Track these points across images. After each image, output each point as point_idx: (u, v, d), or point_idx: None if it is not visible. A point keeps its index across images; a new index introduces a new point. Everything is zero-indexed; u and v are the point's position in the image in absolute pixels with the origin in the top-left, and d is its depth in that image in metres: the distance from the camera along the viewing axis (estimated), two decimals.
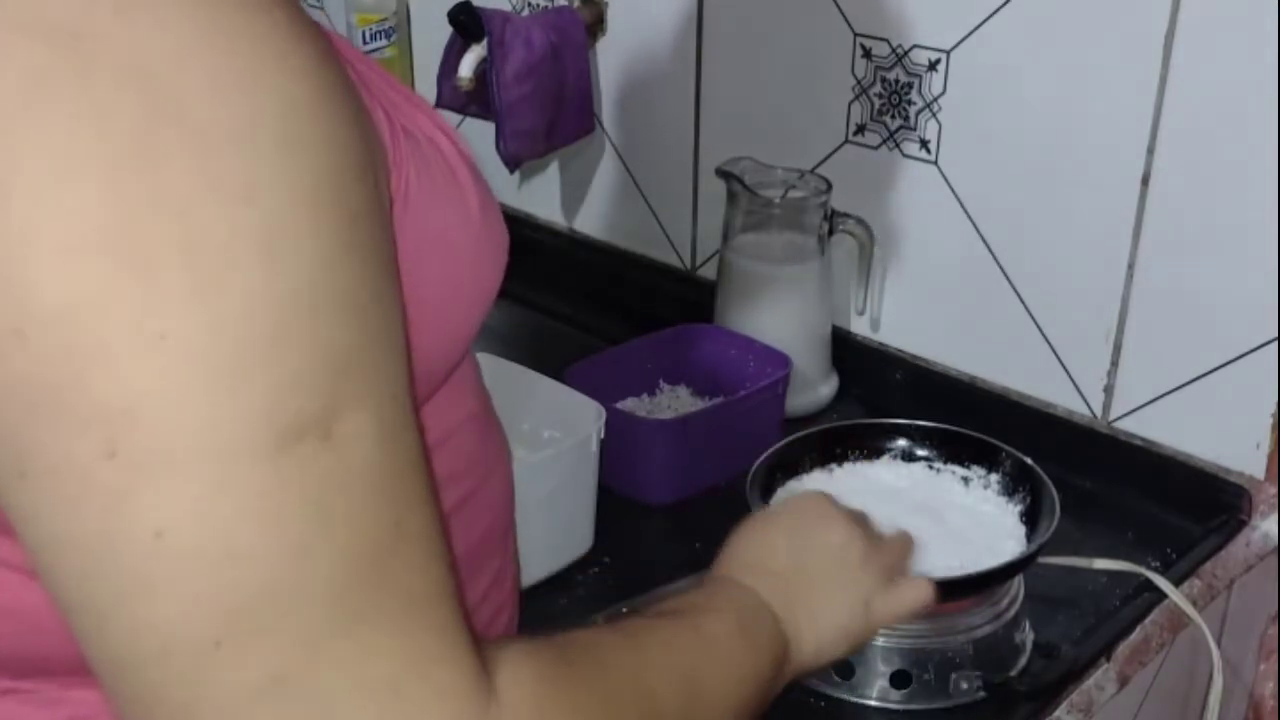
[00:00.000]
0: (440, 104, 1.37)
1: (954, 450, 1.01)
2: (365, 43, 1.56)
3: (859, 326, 1.32)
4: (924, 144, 1.20)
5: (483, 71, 1.29)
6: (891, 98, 1.21)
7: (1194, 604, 1.01)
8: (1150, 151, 1.07)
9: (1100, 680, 0.94)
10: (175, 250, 0.43)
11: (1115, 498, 1.13)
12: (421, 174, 0.57)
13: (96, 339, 0.43)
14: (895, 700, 0.91)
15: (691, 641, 0.67)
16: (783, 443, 1.01)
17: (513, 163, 1.33)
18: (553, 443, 1.03)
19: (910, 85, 1.19)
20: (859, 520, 0.82)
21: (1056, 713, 0.91)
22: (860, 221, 1.23)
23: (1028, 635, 0.95)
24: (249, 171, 0.45)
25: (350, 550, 0.46)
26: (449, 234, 0.59)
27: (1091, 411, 1.18)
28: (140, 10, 0.44)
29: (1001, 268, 1.19)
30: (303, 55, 0.47)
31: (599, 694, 0.57)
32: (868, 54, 1.21)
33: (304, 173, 0.46)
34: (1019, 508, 0.97)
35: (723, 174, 1.23)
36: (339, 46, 0.56)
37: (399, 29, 1.58)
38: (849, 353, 1.30)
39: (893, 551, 0.82)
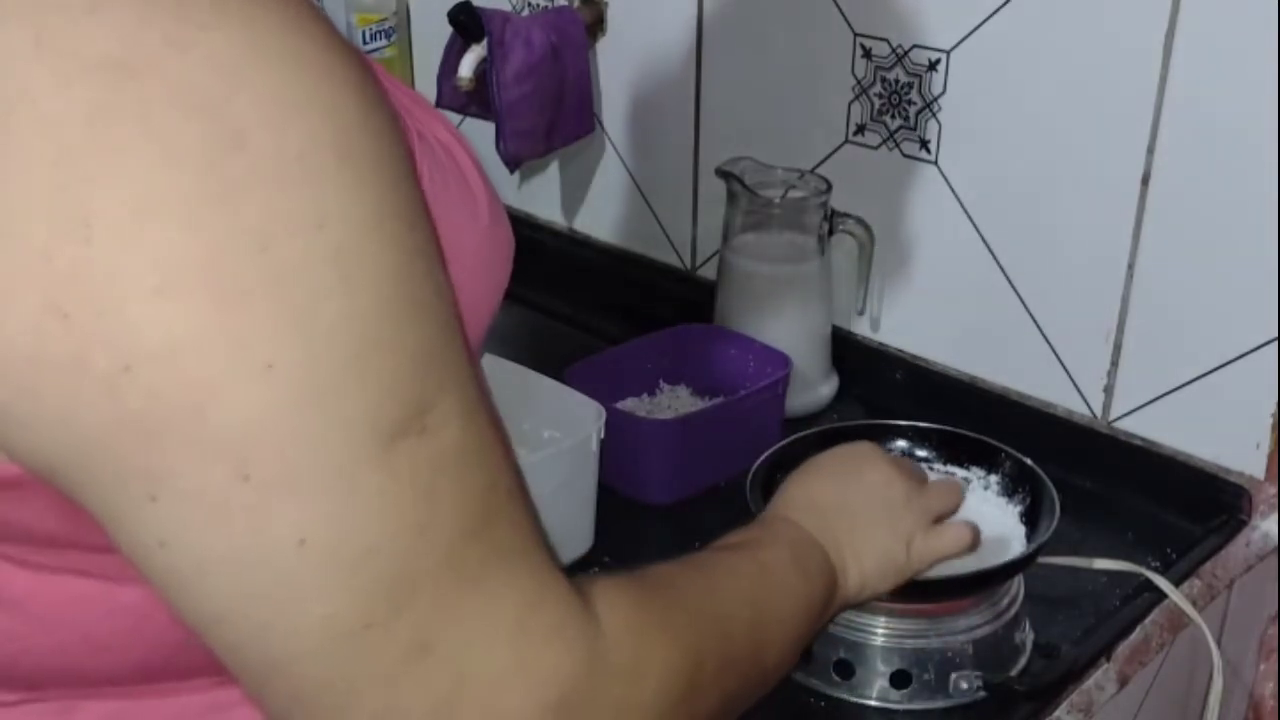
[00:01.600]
0: (440, 104, 1.37)
1: (954, 451, 1.01)
2: (365, 43, 1.56)
3: (859, 326, 1.32)
4: (924, 144, 1.21)
5: (483, 71, 1.29)
6: (891, 98, 1.21)
7: (1194, 604, 1.01)
8: (1150, 151, 1.07)
9: (1100, 680, 0.94)
10: (261, 282, 0.45)
11: (1115, 498, 1.13)
12: (434, 177, 0.58)
13: (206, 374, 0.45)
14: (895, 700, 0.91)
15: (753, 570, 0.73)
16: (783, 442, 1.01)
17: (513, 163, 1.33)
18: (553, 443, 1.03)
19: (910, 85, 1.20)
20: (905, 465, 0.89)
21: (1056, 713, 0.91)
22: (860, 221, 1.23)
23: (1028, 635, 0.96)
24: (316, 195, 0.46)
25: (460, 520, 0.51)
26: (460, 237, 0.60)
27: (1091, 411, 1.18)
28: (189, 40, 0.45)
29: (1001, 268, 1.19)
30: (346, 71, 0.49)
31: (683, 615, 0.63)
32: (868, 54, 1.22)
33: (365, 188, 0.48)
34: (1019, 508, 0.97)
35: (723, 174, 1.23)
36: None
37: (399, 29, 1.58)
38: (849, 353, 1.30)
39: (938, 496, 0.88)
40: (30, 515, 0.51)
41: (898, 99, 1.21)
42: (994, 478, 0.99)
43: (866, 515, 0.84)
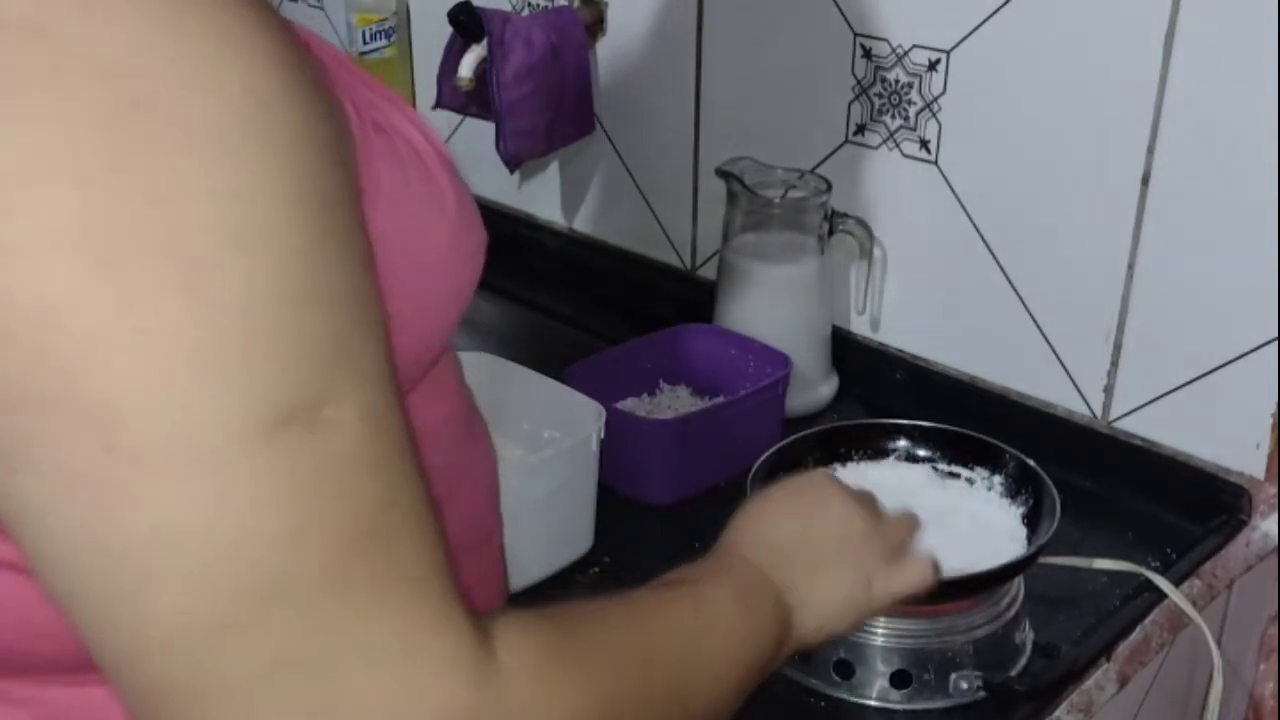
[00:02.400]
0: (440, 104, 1.37)
1: (957, 452, 1.01)
2: (365, 43, 1.56)
3: (859, 326, 1.32)
4: (924, 144, 1.21)
5: (483, 71, 1.29)
6: (891, 98, 1.21)
7: (1194, 604, 1.01)
8: (1150, 151, 1.07)
9: (1100, 680, 0.94)
10: (151, 247, 0.44)
11: (1115, 498, 1.13)
12: (395, 170, 0.57)
13: (80, 338, 0.43)
14: (895, 700, 0.91)
15: (690, 610, 0.68)
16: (784, 442, 1.01)
17: (513, 163, 1.33)
18: (553, 443, 1.03)
19: (910, 85, 1.19)
20: (862, 499, 0.82)
21: (1056, 713, 0.91)
22: (860, 221, 1.23)
23: (1028, 635, 0.96)
24: (220, 168, 0.45)
25: (345, 531, 0.48)
26: (423, 232, 0.59)
27: (1091, 411, 1.18)
28: (105, 9, 0.44)
29: (1001, 268, 1.19)
30: (267, 47, 0.48)
31: (600, 660, 0.59)
32: (868, 54, 1.22)
33: (275, 166, 0.47)
34: (1021, 509, 0.97)
35: (723, 174, 1.23)
36: (309, 40, 0.56)
37: (399, 29, 1.58)
38: (849, 353, 1.30)
39: (896, 530, 0.82)
40: None
41: (898, 99, 1.21)
42: (997, 479, 0.99)
43: (825, 553, 0.78)
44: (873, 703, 0.91)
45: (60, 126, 0.43)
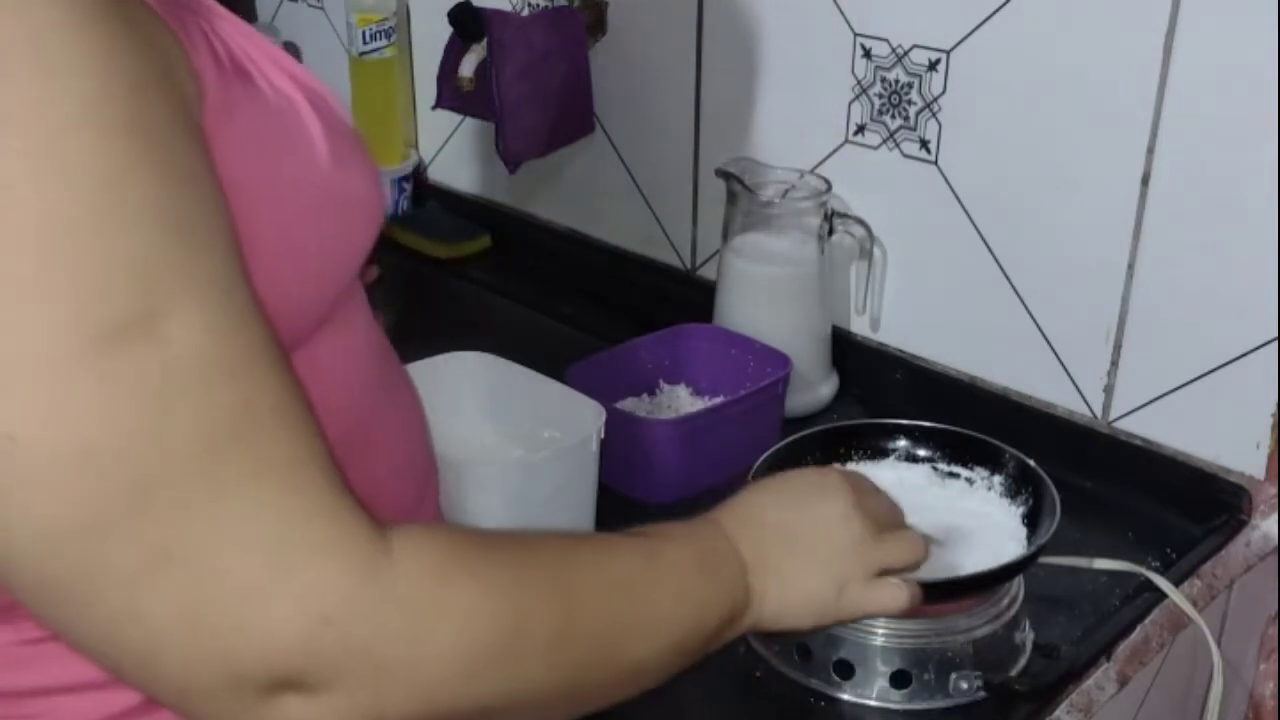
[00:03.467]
0: (440, 104, 1.37)
1: (957, 452, 1.01)
2: (365, 43, 1.56)
3: (859, 326, 1.32)
4: (924, 144, 1.20)
5: (483, 71, 1.29)
6: (891, 98, 1.21)
7: (1194, 604, 1.01)
8: (1150, 151, 1.07)
9: (1100, 680, 0.94)
10: None
11: (1115, 498, 1.13)
12: (257, 118, 0.60)
13: None
14: (895, 700, 0.91)
15: (638, 556, 0.69)
16: (784, 442, 1.01)
17: (513, 163, 1.33)
18: (553, 443, 1.03)
19: (910, 85, 1.19)
20: (874, 508, 0.80)
21: (1056, 713, 0.91)
22: (860, 221, 1.23)
23: (1028, 635, 0.96)
24: (6, 98, 0.48)
25: (202, 430, 0.51)
26: (285, 177, 0.62)
27: (1091, 411, 1.18)
28: None
29: (1001, 268, 1.19)
30: None
31: (513, 573, 0.60)
32: (868, 54, 1.22)
33: (66, 95, 0.49)
34: (1021, 509, 0.97)
35: (723, 174, 1.23)
36: (191, 1, 0.60)
37: (399, 29, 1.58)
38: (849, 353, 1.30)
39: (895, 550, 0.79)
40: None
41: (898, 99, 1.21)
42: (997, 479, 0.99)
43: (806, 546, 0.77)
44: (873, 703, 0.91)
45: None
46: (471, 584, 0.58)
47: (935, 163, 1.20)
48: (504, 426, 1.08)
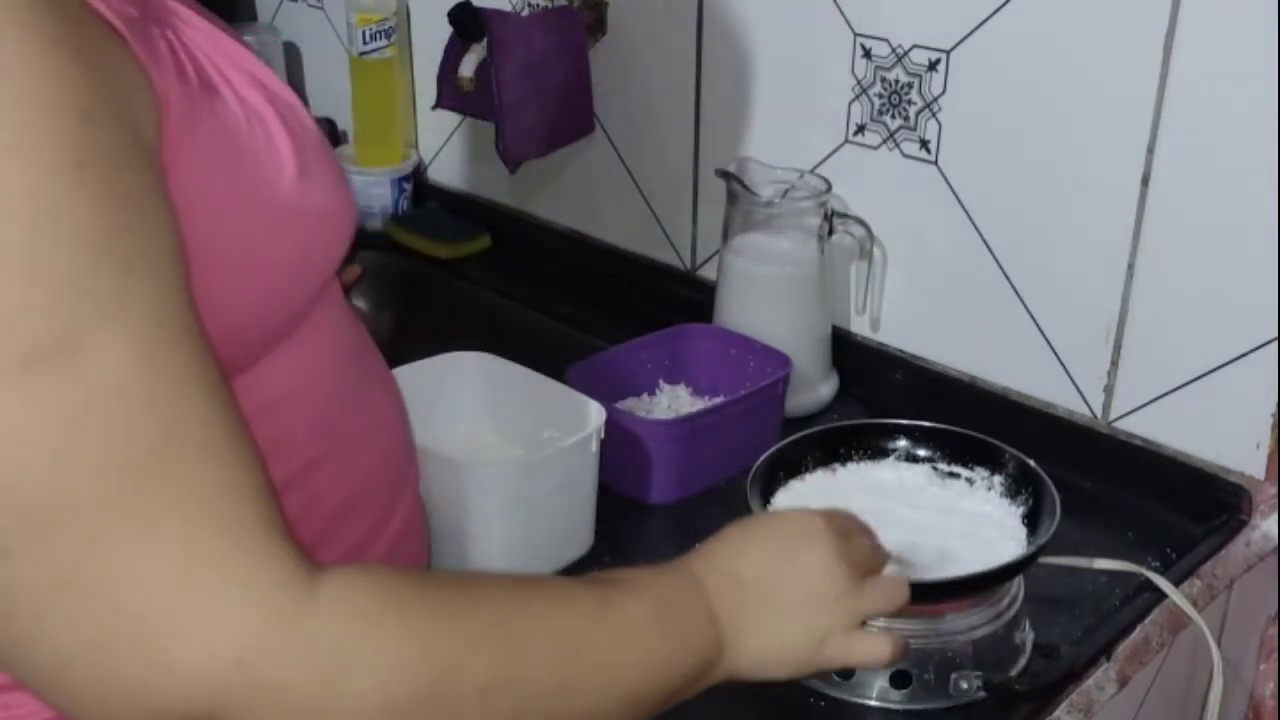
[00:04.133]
0: (440, 104, 1.37)
1: (957, 452, 1.01)
2: (365, 43, 1.56)
3: (859, 326, 1.32)
4: (924, 144, 1.20)
5: (483, 71, 1.29)
6: (891, 98, 1.21)
7: (1194, 604, 1.01)
8: (1150, 151, 1.07)
9: (1100, 680, 0.94)
10: None
11: (1115, 498, 1.13)
12: (221, 134, 0.60)
13: None
14: (895, 700, 0.91)
15: (591, 608, 0.67)
16: (784, 442, 1.01)
17: (513, 163, 1.33)
18: (553, 443, 1.03)
19: (910, 85, 1.19)
20: (852, 553, 0.78)
21: (1056, 713, 0.91)
22: (860, 221, 1.23)
23: (1028, 635, 0.95)
24: None
25: (115, 458, 0.51)
26: (249, 193, 0.61)
27: (1091, 411, 1.18)
28: None
29: (1001, 268, 1.19)
30: (18, 15, 0.50)
31: (447, 623, 0.59)
32: (868, 54, 1.21)
33: (4, 124, 0.49)
34: (1021, 509, 0.97)
35: (723, 174, 1.23)
36: (160, 11, 0.60)
37: (399, 29, 1.58)
38: (849, 353, 1.30)
39: (875, 597, 0.78)
40: None
41: (898, 99, 1.21)
42: (997, 479, 0.99)
43: (787, 601, 0.75)
44: (873, 703, 0.91)
45: None
46: (400, 629, 0.57)
47: (935, 163, 1.20)
48: (504, 426, 1.08)
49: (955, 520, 0.96)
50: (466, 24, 1.29)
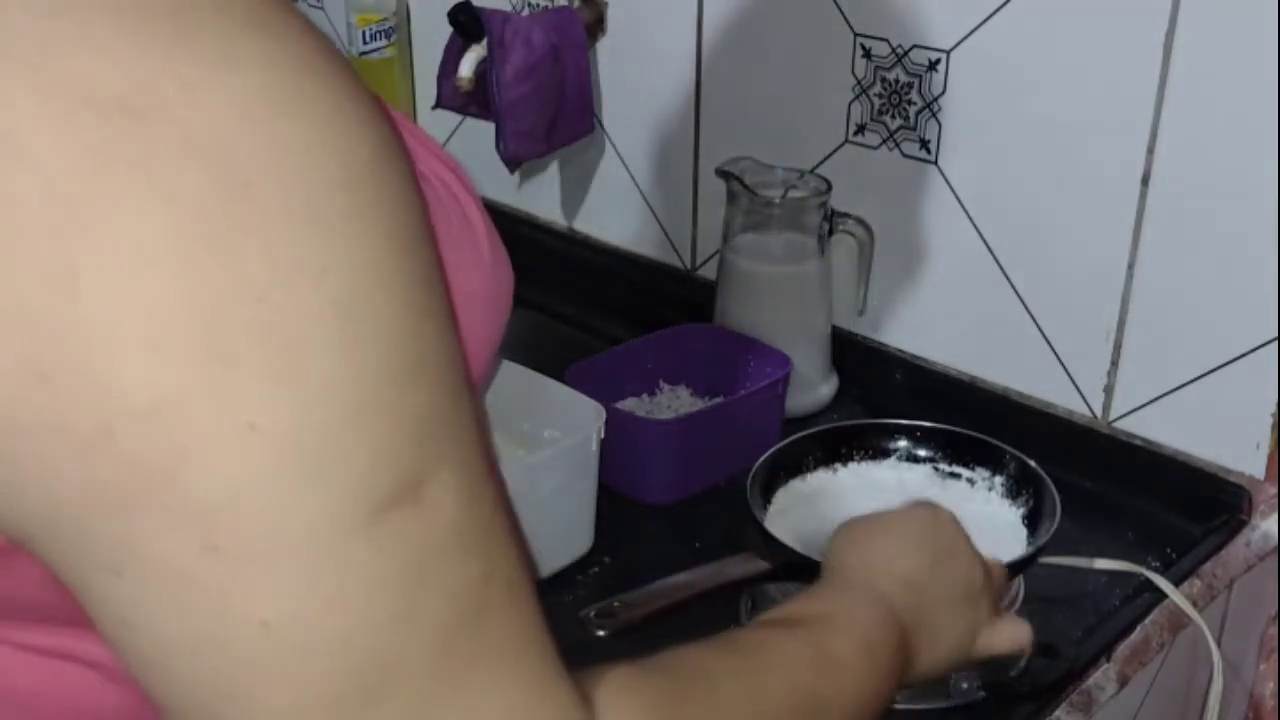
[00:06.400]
0: (440, 104, 1.37)
1: (958, 452, 1.01)
2: (365, 43, 1.56)
3: (859, 326, 1.32)
4: (924, 144, 1.20)
5: (483, 71, 1.29)
6: (891, 98, 1.21)
7: (1194, 604, 1.01)
8: (1150, 151, 1.07)
9: (1100, 680, 0.94)
10: (254, 336, 0.41)
11: (1115, 498, 1.13)
12: (439, 220, 0.54)
13: (187, 435, 0.41)
14: (895, 700, 0.91)
15: (814, 663, 0.65)
16: (784, 442, 1.01)
17: (513, 163, 1.33)
18: (553, 443, 1.03)
19: (910, 85, 1.19)
20: (970, 541, 0.80)
21: (1056, 713, 0.91)
22: (860, 221, 1.23)
23: None
24: (320, 246, 0.43)
25: (449, 609, 0.46)
26: (463, 280, 0.56)
27: (1091, 411, 1.18)
28: (205, 84, 0.41)
29: (1001, 268, 1.19)
30: (359, 114, 0.45)
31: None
32: (868, 54, 1.21)
33: (374, 239, 0.44)
34: (1021, 510, 0.97)
35: (723, 174, 1.23)
36: None
37: (399, 29, 1.58)
38: (849, 353, 1.30)
39: (998, 586, 0.81)
40: (16, 584, 0.48)
41: (898, 99, 1.21)
42: (998, 479, 0.99)
43: (951, 598, 0.76)
44: None
45: (158, 212, 0.40)
46: None
47: (935, 163, 1.20)
48: (504, 426, 1.08)
49: None
50: (466, 24, 1.29)
